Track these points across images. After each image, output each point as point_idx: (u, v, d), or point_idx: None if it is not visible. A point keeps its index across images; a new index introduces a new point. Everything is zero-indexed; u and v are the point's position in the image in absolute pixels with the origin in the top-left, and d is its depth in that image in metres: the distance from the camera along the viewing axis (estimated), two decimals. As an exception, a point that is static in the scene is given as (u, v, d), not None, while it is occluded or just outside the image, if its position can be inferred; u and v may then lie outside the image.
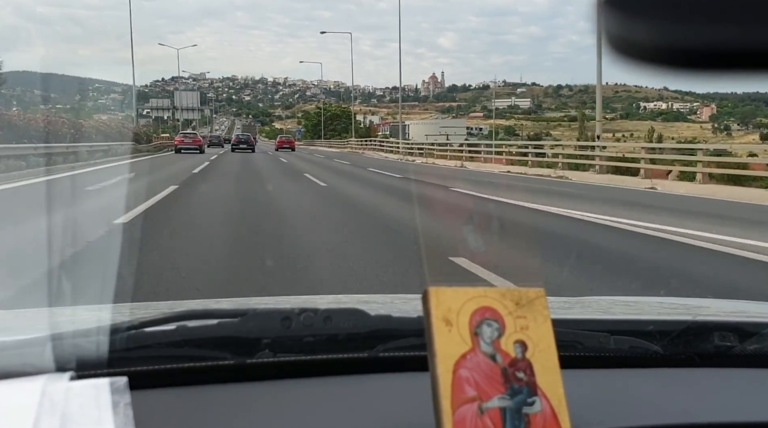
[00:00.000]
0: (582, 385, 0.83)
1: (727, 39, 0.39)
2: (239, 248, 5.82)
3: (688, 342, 0.99)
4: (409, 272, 4.63)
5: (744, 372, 0.99)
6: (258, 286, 4.22)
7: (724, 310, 1.40)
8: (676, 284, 4.49)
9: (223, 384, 0.85)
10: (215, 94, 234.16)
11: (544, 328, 0.66)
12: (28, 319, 1.27)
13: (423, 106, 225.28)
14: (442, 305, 0.64)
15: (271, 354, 0.87)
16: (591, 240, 6.63)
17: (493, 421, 0.62)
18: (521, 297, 0.66)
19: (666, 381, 0.94)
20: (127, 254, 4.77)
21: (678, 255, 5.83)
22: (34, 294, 3.54)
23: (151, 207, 8.43)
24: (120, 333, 0.83)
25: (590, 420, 0.76)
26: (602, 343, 0.96)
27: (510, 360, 0.64)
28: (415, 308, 0.82)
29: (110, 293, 2.83)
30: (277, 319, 0.88)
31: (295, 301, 1.39)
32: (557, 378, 0.65)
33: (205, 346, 0.86)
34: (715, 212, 9.32)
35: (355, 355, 0.89)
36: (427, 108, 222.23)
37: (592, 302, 1.47)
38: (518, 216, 8.65)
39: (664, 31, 0.39)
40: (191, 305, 1.30)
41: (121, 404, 0.63)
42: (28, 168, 15.77)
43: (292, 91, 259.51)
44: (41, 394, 0.63)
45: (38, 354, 0.76)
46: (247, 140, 43.39)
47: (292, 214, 8.65)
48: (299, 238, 6.48)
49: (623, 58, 0.42)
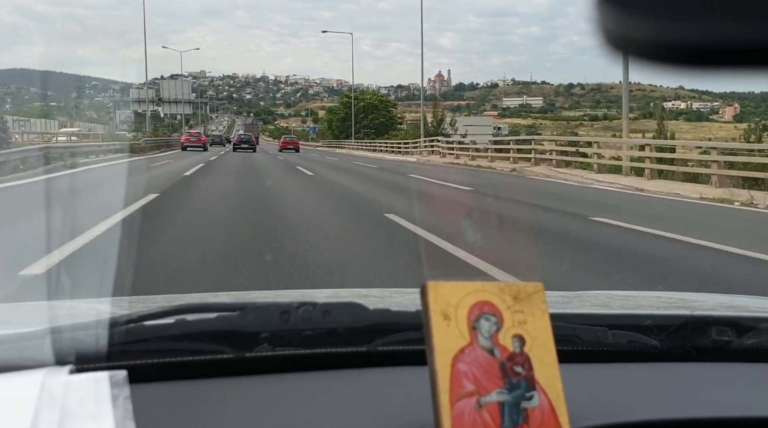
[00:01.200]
0: (580, 379, 0.84)
1: (728, 36, 0.39)
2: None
3: (685, 337, 0.99)
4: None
5: (741, 367, 0.99)
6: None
7: (722, 305, 1.40)
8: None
9: (222, 378, 0.85)
10: (215, 93, 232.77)
11: (542, 322, 0.66)
12: (27, 312, 1.27)
13: (429, 105, 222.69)
14: (441, 299, 0.64)
15: (270, 348, 0.87)
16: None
17: (491, 416, 0.62)
18: (519, 292, 0.66)
19: (664, 375, 0.95)
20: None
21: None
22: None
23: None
24: (119, 327, 0.83)
25: (588, 415, 0.77)
26: (600, 337, 0.96)
27: (508, 354, 0.64)
28: (413, 302, 0.82)
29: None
30: (275, 313, 0.88)
31: (294, 295, 1.40)
32: (555, 373, 0.65)
33: (204, 340, 0.86)
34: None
35: (354, 349, 0.89)
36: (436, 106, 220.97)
37: (590, 297, 1.47)
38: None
39: (663, 29, 0.39)
40: (190, 298, 1.30)
41: (120, 397, 0.63)
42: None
43: (294, 89, 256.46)
44: (40, 388, 0.63)
45: (37, 347, 0.76)
46: (249, 139, 44.44)
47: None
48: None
49: (622, 56, 0.42)
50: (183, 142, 39.66)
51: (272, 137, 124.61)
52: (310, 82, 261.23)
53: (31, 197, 9.84)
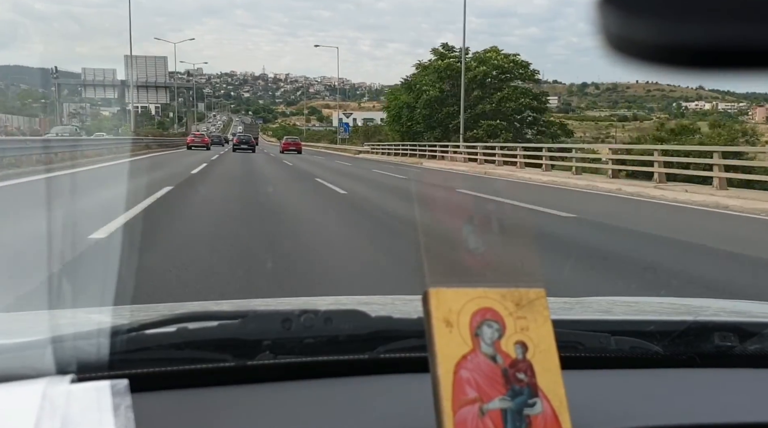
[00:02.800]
0: (583, 386, 0.83)
1: (728, 37, 0.39)
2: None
3: (688, 343, 0.99)
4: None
5: (745, 373, 0.99)
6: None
7: (725, 310, 1.39)
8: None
9: (224, 386, 0.85)
10: (212, 90, 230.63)
11: (544, 329, 0.66)
12: (29, 322, 1.27)
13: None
14: (443, 306, 0.64)
15: (272, 356, 0.87)
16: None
17: (494, 422, 0.62)
18: (522, 298, 0.66)
19: (667, 381, 0.94)
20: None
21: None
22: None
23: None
24: (120, 336, 0.83)
25: (591, 421, 0.76)
26: (603, 344, 0.96)
27: (511, 361, 0.64)
28: (415, 309, 0.82)
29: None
30: (277, 321, 0.88)
31: (296, 303, 1.39)
32: (558, 379, 0.65)
33: (205, 348, 0.86)
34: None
35: (356, 356, 0.89)
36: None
37: (592, 303, 1.47)
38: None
39: (663, 30, 0.39)
40: (191, 307, 1.30)
41: (122, 406, 0.62)
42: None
43: (294, 87, 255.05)
44: (42, 397, 0.63)
45: (39, 356, 0.76)
46: (248, 140, 45.91)
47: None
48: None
49: (622, 57, 0.42)
50: (188, 142, 43.23)
51: (276, 137, 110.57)
52: (311, 80, 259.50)
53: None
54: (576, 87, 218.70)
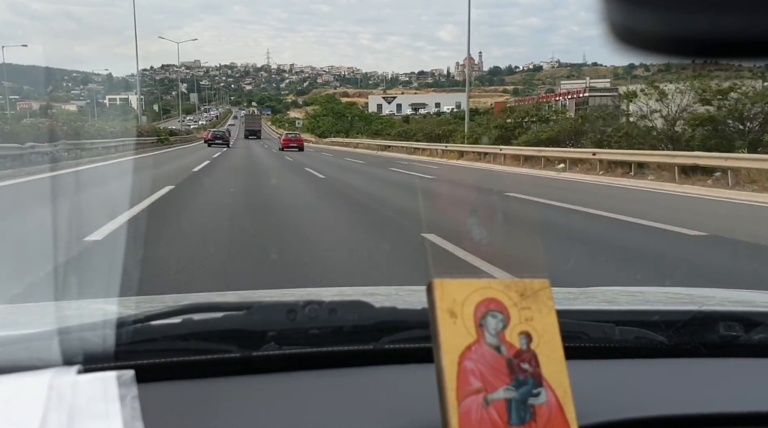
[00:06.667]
0: (587, 376, 0.83)
1: (731, 28, 0.38)
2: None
3: (693, 332, 0.99)
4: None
5: (750, 362, 0.99)
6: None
7: (730, 300, 1.39)
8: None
9: (229, 377, 0.85)
10: (210, 83, 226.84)
11: (548, 319, 0.66)
12: (35, 313, 1.28)
13: (469, 90, 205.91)
14: (447, 296, 0.64)
15: (277, 347, 0.87)
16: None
17: (498, 413, 0.62)
18: (526, 288, 0.66)
19: (671, 371, 0.94)
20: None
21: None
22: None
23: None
24: (126, 327, 0.83)
25: (596, 411, 0.76)
26: (607, 333, 0.96)
27: (515, 351, 0.64)
28: (420, 300, 0.82)
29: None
30: (282, 312, 0.88)
31: (300, 294, 1.40)
32: (562, 369, 0.65)
33: (210, 339, 0.86)
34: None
35: (361, 347, 0.89)
36: (475, 92, 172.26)
37: (596, 293, 1.47)
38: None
39: (666, 19, 0.39)
40: (196, 298, 1.30)
41: (128, 397, 0.63)
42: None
43: (301, 78, 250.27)
44: (49, 388, 0.63)
45: (45, 347, 0.76)
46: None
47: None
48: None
49: (625, 46, 0.42)
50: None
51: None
52: (318, 70, 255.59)
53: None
54: (623, 69, 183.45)
